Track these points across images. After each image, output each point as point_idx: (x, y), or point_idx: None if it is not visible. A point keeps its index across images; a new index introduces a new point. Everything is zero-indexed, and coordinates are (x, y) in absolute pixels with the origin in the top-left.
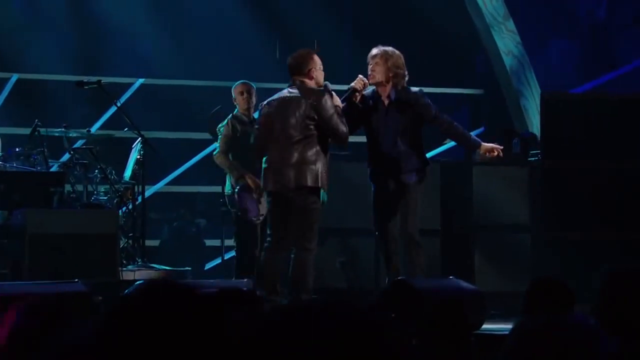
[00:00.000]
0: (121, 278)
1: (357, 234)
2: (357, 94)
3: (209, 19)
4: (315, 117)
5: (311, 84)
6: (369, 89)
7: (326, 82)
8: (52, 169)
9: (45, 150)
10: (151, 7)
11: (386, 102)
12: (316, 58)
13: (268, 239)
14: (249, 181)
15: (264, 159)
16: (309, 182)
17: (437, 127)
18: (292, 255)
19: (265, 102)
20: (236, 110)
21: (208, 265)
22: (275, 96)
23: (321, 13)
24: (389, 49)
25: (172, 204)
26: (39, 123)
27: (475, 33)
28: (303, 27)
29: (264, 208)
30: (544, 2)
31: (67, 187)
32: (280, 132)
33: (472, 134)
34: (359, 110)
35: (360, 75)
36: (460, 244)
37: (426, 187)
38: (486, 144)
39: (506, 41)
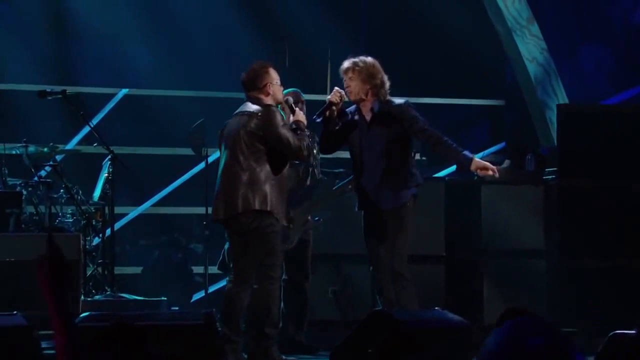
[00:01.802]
0: (79, 311)
1: (351, 260)
2: (334, 107)
3: (201, 23)
4: (261, 133)
5: (268, 100)
6: (353, 105)
7: (288, 97)
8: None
9: (4, 168)
10: (136, 11)
11: (368, 117)
12: (272, 72)
13: (231, 272)
14: None
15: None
16: (257, 205)
17: (425, 141)
18: (255, 286)
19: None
20: None
21: (197, 296)
22: (236, 111)
23: (335, 22)
24: (360, 59)
25: (165, 227)
26: None
27: (496, 39)
28: (315, 36)
29: (296, 234)
30: (573, 4)
31: (30, 209)
32: (230, 153)
33: (492, 150)
34: (339, 127)
35: (337, 88)
36: (467, 272)
37: (429, 208)
38: (479, 161)
39: (530, 47)
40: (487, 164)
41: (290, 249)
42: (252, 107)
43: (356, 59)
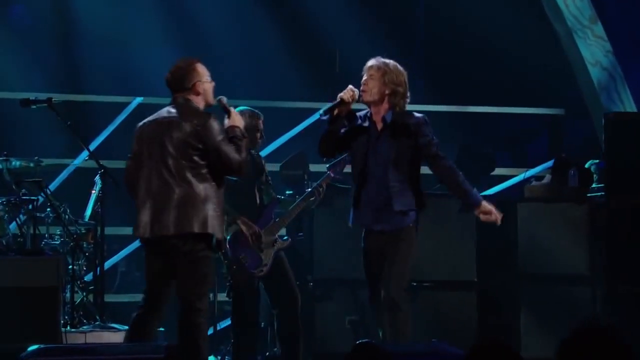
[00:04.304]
0: (65, 342)
1: None
2: (344, 106)
3: (220, 28)
4: (200, 145)
5: (198, 100)
6: (365, 110)
7: (221, 97)
8: None
9: None
10: (151, 14)
11: (379, 125)
12: (201, 68)
13: (143, 296)
14: (243, 227)
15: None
16: (195, 228)
17: (433, 170)
18: (179, 319)
19: (140, 123)
20: None
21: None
22: (152, 117)
23: (391, 30)
24: (391, 62)
25: None
26: None
27: (555, 41)
28: (368, 45)
29: (268, 256)
30: None
31: (13, 229)
32: (156, 163)
33: (550, 163)
34: (346, 130)
35: (351, 86)
36: (501, 300)
37: (459, 229)
38: (486, 205)
39: (593, 49)
40: (493, 209)
41: (267, 276)
42: (182, 112)
43: (386, 60)
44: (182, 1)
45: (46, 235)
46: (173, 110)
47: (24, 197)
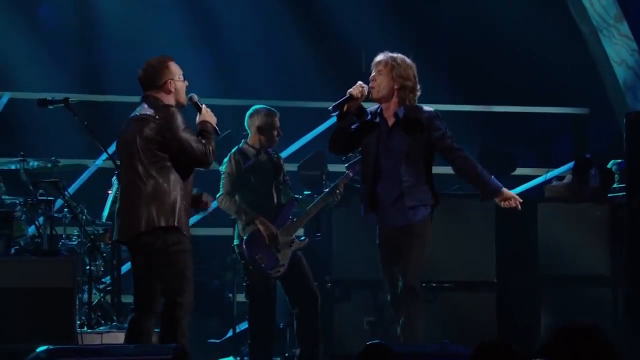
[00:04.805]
0: (80, 343)
1: None
2: (353, 102)
3: (247, 27)
4: (160, 138)
5: (169, 98)
6: (375, 106)
7: (192, 95)
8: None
9: (2, 185)
10: (174, 15)
11: (391, 121)
12: (173, 66)
13: (134, 298)
14: (260, 227)
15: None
16: (162, 222)
17: (450, 162)
18: (161, 313)
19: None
20: (242, 142)
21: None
22: (132, 114)
23: (417, 30)
24: (398, 56)
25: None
26: None
27: (580, 40)
28: (395, 44)
29: (285, 257)
30: None
31: (32, 230)
32: (126, 163)
33: (568, 166)
34: (356, 126)
35: (360, 82)
36: (521, 301)
37: (478, 229)
38: (507, 191)
39: (618, 48)
40: (514, 194)
41: (285, 276)
42: (149, 110)
43: (393, 54)
44: (205, 2)
45: (63, 236)
46: (142, 108)
47: (41, 198)
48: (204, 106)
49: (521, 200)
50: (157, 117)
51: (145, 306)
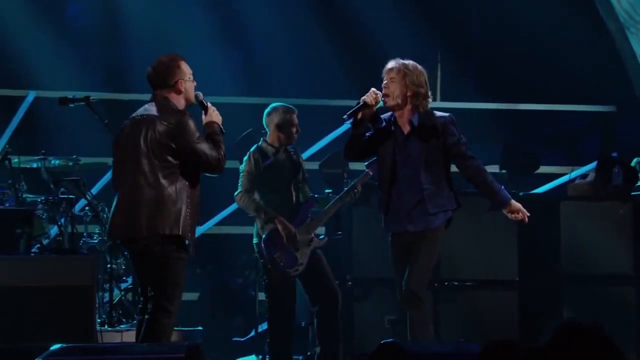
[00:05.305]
0: (100, 341)
1: None
2: (367, 109)
3: (272, 26)
4: (173, 144)
5: (178, 99)
6: (388, 113)
7: (197, 93)
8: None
9: (24, 183)
10: (199, 14)
11: (406, 129)
12: (184, 66)
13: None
14: (279, 226)
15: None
16: (166, 230)
17: (461, 169)
18: (147, 315)
19: (125, 122)
20: (261, 140)
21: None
22: (135, 113)
23: (444, 30)
24: (410, 62)
25: (217, 249)
26: (9, 149)
27: (606, 37)
28: (423, 44)
29: (304, 255)
30: None
31: (54, 229)
32: (130, 163)
33: (594, 164)
34: (371, 133)
35: (374, 89)
36: (543, 300)
37: (500, 228)
38: (515, 203)
39: None
40: (521, 207)
41: (304, 275)
42: (159, 111)
43: (404, 61)
44: (229, 1)
45: (85, 234)
46: (150, 108)
47: (62, 196)
48: (209, 105)
49: (528, 215)
50: (170, 122)
51: (144, 305)
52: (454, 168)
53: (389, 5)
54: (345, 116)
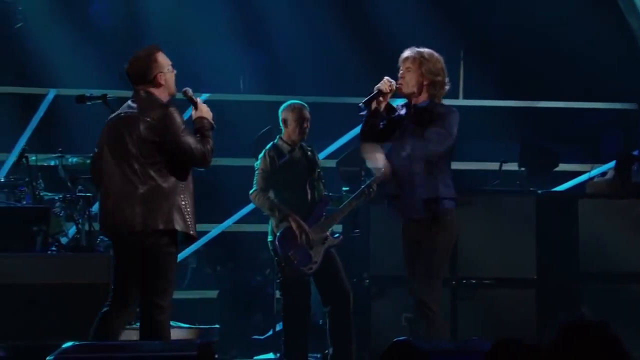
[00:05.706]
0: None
1: None
2: (382, 98)
3: (292, 23)
4: (158, 139)
5: (160, 92)
6: (404, 100)
7: (186, 89)
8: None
9: (41, 181)
10: (219, 12)
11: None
12: (161, 58)
13: (111, 293)
14: (293, 224)
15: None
16: (160, 225)
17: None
18: (140, 316)
19: (109, 117)
20: (277, 138)
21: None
22: (117, 111)
23: (465, 27)
24: (426, 50)
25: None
26: (26, 147)
27: (628, 33)
28: (444, 40)
29: (318, 254)
30: None
31: (72, 227)
32: (119, 161)
33: (611, 164)
34: (385, 123)
35: (387, 77)
36: (562, 298)
37: (518, 225)
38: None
39: None
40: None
41: (317, 273)
42: (141, 107)
43: (420, 49)
44: (250, 1)
45: None
46: (133, 104)
47: (79, 194)
48: (199, 100)
49: None
50: (153, 117)
51: (122, 302)
52: (454, 164)
53: (411, 3)
54: (360, 104)
